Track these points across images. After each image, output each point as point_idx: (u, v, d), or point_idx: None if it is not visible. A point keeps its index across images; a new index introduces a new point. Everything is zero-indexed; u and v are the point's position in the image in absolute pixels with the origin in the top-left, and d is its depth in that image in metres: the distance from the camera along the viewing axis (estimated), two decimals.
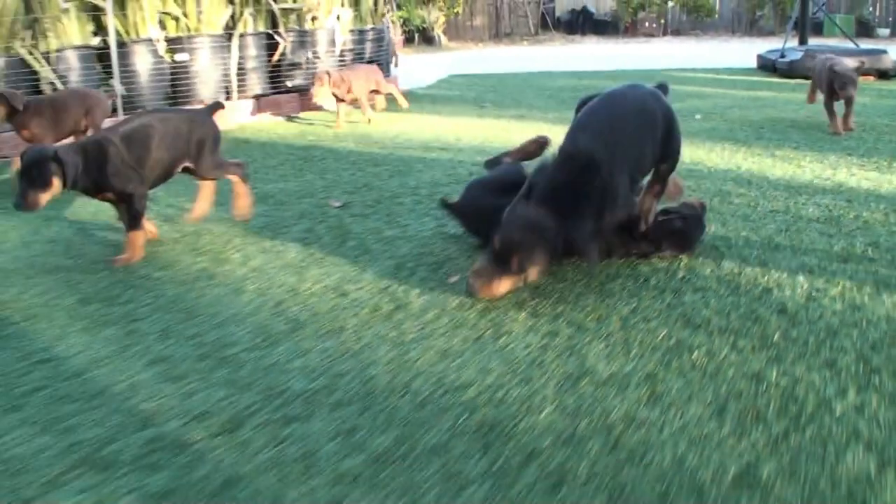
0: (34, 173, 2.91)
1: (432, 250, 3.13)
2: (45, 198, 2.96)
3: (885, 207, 3.54)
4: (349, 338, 2.35)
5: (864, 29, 21.45)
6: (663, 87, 2.95)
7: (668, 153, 2.77)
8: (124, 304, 2.76)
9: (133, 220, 3.19)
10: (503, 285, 2.44)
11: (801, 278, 2.68)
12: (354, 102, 6.53)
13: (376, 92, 6.84)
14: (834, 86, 5.33)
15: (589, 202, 2.38)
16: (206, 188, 3.59)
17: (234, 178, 3.57)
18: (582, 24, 20.39)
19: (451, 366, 2.14)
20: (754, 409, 1.86)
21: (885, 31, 21.64)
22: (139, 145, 3.14)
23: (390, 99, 7.29)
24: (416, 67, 11.23)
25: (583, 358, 2.14)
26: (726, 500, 1.54)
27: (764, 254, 2.94)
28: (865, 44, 13.59)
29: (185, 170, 3.39)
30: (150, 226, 3.45)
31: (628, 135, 2.56)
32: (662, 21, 20.27)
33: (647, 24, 20.01)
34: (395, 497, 1.59)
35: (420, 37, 16.98)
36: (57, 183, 2.96)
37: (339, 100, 6.37)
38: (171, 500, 1.61)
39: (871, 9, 22.64)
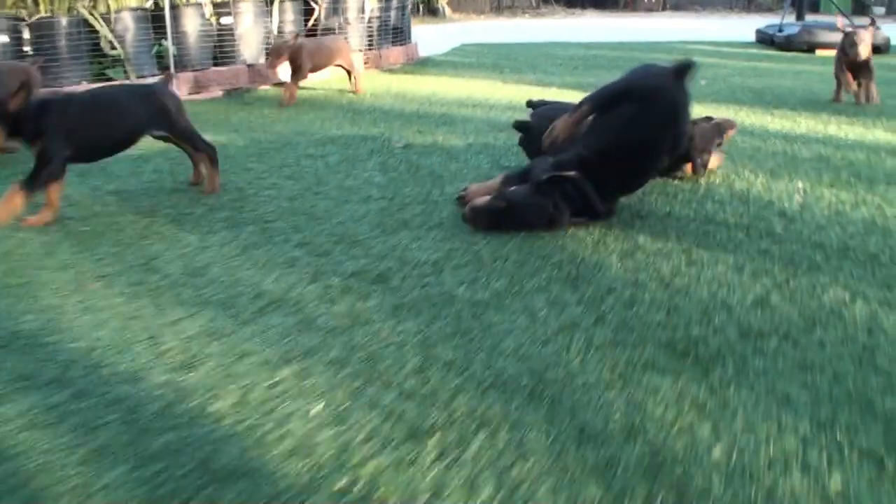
0: None
1: (494, 177, 3.92)
2: None
3: (866, 152, 4.36)
4: (450, 228, 3.15)
5: (861, 6, 22.20)
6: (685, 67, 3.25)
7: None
8: (251, 211, 3.54)
9: (34, 180, 3.30)
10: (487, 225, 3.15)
11: (796, 196, 3.50)
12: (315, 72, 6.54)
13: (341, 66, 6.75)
14: (845, 48, 5.55)
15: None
16: (204, 163, 3.83)
17: (204, 157, 3.79)
18: None
19: (535, 245, 2.94)
20: (764, 268, 2.68)
21: (881, 10, 22.44)
22: (93, 113, 3.45)
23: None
24: (428, 37, 11.96)
25: (634, 240, 2.96)
26: (747, 314, 2.35)
27: (767, 180, 3.75)
28: (861, 21, 14.42)
29: (163, 139, 3.75)
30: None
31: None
32: None
33: None
34: (519, 313, 2.39)
35: (424, 8, 17.68)
36: None
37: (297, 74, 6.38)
38: (355, 318, 2.40)
39: None
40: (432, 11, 17.72)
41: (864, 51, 5.47)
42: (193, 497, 1.59)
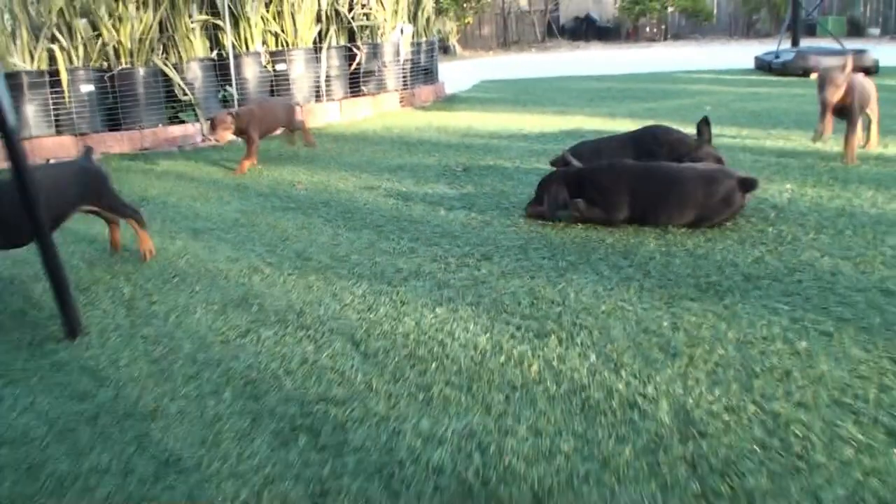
0: None
1: None
2: None
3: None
4: (523, 226, 4.35)
5: (856, 29, 23.68)
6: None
7: None
8: (361, 219, 4.75)
9: None
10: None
11: (785, 194, 4.72)
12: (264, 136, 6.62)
13: (288, 130, 7.03)
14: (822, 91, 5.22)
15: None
16: (140, 234, 4.16)
17: (132, 222, 4.09)
18: (586, 30, 22.61)
19: (591, 233, 4.16)
20: (760, 240, 3.89)
21: (876, 31, 23.91)
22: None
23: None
24: (448, 75, 13.29)
25: (664, 226, 4.18)
26: (748, 267, 3.55)
27: (763, 183, 4.98)
28: (857, 43, 15.86)
29: (93, 213, 3.95)
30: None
31: None
32: (663, 26, 22.50)
33: (648, 29, 22.24)
34: (590, 273, 3.59)
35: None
36: None
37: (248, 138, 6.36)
38: (475, 280, 3.60)
39: (861, 9, 24.94)
40: (444, 49, 19.14)
41: (831, 94, 5.19)
42: (407, 373, 2.78)
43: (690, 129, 4.80)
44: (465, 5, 19.95)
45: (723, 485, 1.98)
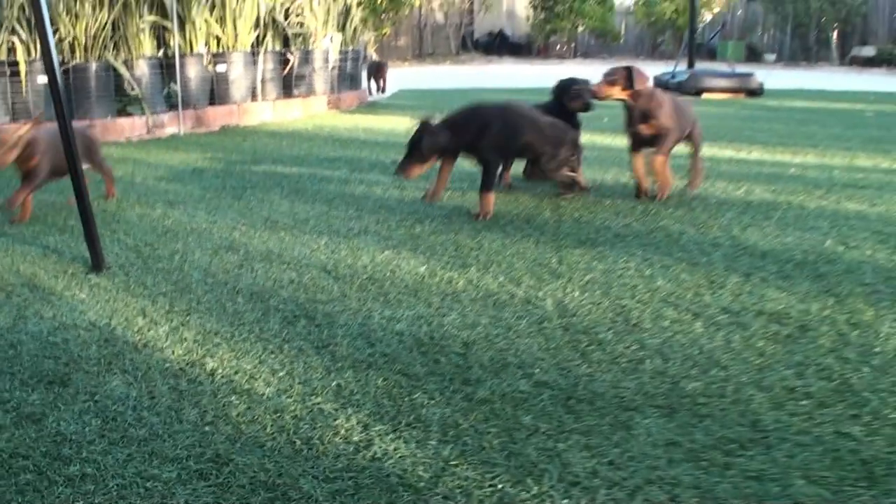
0: None
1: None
2: None
3: (710, 162, 7.11)
4: (446, 203, 5.69)
5: (754, 54, 25.94)
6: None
7: None
8: (313, 196, 5.98)
9: None
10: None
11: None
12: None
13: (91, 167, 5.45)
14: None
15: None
16: None
17: None
18: (498, 46, 24.25)
19: (502, 207, 5.52)
20: (631, 213, 5.29)
21: (772, 56, 26.23)
22: None
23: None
24: (365, 84, 14.57)
25: (557, 204, 5.57)
26: (619, 231, 4.96)
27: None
28: (754, 68, 17.80)
29: None
30: None
31: None
32: (573, 45, 24.31)
33: (558, 47, 24.01)
34: (498, 231, 4.95)
35: None
36: None
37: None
38: (412, 236, 4.90)
39: (760, 35, 27.28)
40: None
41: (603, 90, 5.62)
42: (369, 287, 4.05)
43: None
44: (382, 16, 21.29)
45: (584, 337, 3.31)
